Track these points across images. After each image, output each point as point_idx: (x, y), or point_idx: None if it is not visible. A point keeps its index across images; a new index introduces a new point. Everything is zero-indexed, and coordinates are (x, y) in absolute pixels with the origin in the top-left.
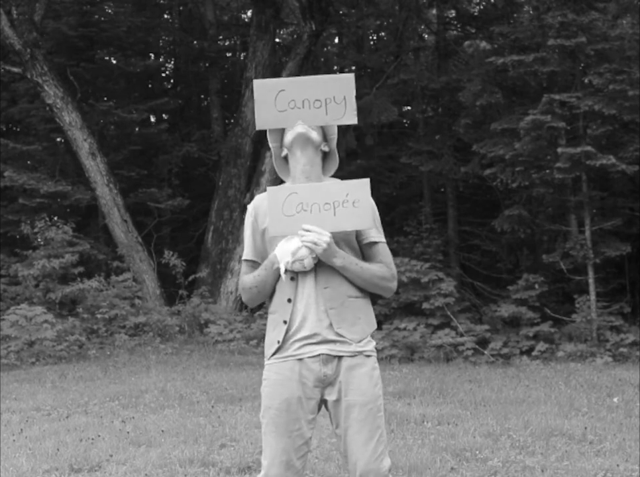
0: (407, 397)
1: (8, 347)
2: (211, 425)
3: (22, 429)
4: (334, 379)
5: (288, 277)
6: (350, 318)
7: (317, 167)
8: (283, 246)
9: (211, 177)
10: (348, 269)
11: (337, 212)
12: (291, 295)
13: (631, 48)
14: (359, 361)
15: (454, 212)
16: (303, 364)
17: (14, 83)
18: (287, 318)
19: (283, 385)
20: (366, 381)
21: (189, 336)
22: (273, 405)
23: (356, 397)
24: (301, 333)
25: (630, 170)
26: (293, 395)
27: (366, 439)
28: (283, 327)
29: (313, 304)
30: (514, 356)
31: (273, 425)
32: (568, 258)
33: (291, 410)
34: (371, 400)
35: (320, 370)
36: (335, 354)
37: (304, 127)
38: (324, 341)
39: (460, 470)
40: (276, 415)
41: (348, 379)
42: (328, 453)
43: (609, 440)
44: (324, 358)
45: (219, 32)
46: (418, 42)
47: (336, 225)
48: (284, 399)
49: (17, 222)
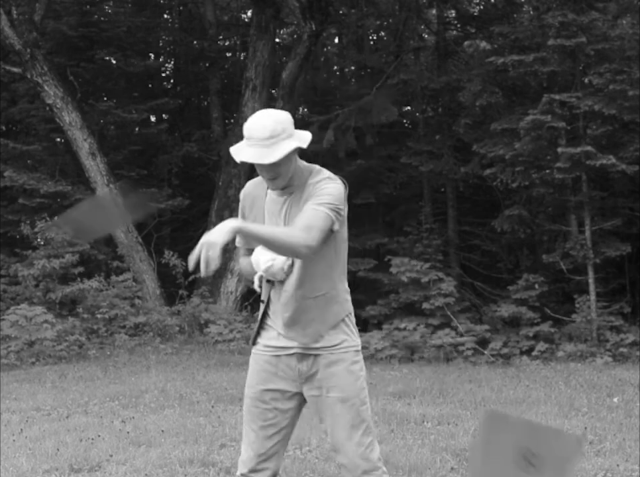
0: (407, 397)
1: (8, 347)
2: (211, 425)
3: (22, 429)
4: (311, 375)
5: (264, 282)
6: (301, 322)
7: (292, 175)
8: (259, 257)
9: (211, 177)
10: (251, 236)
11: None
12: (264, 296)
13: (631, 48)
14: (337, 357)
15: (454, 212)
16: (279, 357)
17: (14, 83)
18: (259, 317)
19: (259, 375)
20: (345, 376)
21: (189, 336)
22: (249, 394)
23: (337, 394)
24: (272, 333)
25: (630, 170)
26: (266, 387)
27: (350, 434)
28: (259, 323)
29: (278, 309)
30: (514, 356)
31: (248, 414)
32: (568, 258)
33: (264, 399)
34: (353, 395)
35: (295, 366)
36: (309, 353)
37: (276, 184)
38: (292, 343)
39: (460, 470)
40: (250, 403)
41: (327, 376)
42: (328, 453)
43: (609, 440)
44: (299, 356)
45: (219, 32)
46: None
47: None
48: (258, 390)
49: (17, 222)
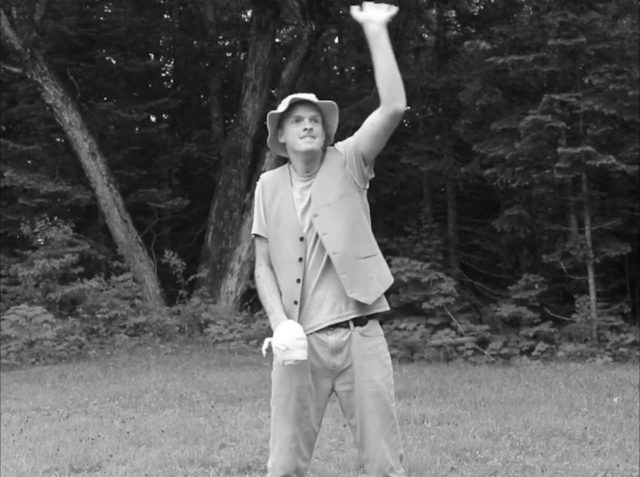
0: (407, 397)
1: (8, 347)
2: (211, 425)
3: (22, 429)
4: (345, 369)
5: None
6: (362, 279)
7: (317, 158)
8: (282, 335)
9: (211, 177)
10: (384, 43)
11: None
12: (299, 274)
13: (631, 48)
14: (370, 352)
15: (454, 212)
16: (313, 351)
17: (14, 83)
18: (297, 299)
19: (292, 373)
20: (379, 370)
21: (189, 336)
22: (283, 393)
23: (370, 389)
24: (310, 315)
25: (630, 170)
26: (302, 384)
27: (381, 430)
28: (295, 308)
29: (323, 285)
30: (514, 356)
31: (282, 412)
32: (568, 258)
33: (300, 398)
34: (384, 390)
35: (329, 360)
36: (344, 342)
37: (311, 142)
38: (336, 307)
39: (460, 470)
40: (285, 402)
41: (361, 370)
42: (328, 453)
43: (609, 440)
44: (333, 347)
45: (219, 32)
46: (418, 42)
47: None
48: (294, 387)
49: (17, 222)
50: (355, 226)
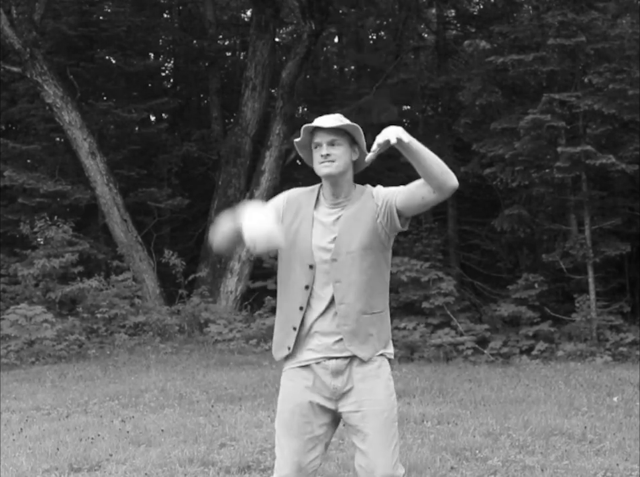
0: (407, 397)
1: (8, 346)
2: (210, 425)
3: (22, 429)
4: (347, 391)
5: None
6: (361, 335)
7: (347, 184)
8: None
9: (211, 177)
10: (415, 148)
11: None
12: (303, 303)
13: (630, 47)
14: (372, 373)
15: (453, 211)
16: (315, 373)
17: (13, 82)
18: (296, 325)
19: (296, 391)
20: (382, 390)
21: (188, 335)
22: (287, 408)
23: (372, 407)
24: (312, 343)
25: (630, 169)
26: (305, 400)
27: (382, 448)
28: (293, 334)
29: (327, 318)
30: (514, 355)
31: (285, 427)
32: (568, 258)
33: (303, 413)
34: (387, 409)
35: (330, 382)
36: (344, 364)
37: (329, 167)
38: (333, 354)
39: (460, 469)
40: (288, 417)
41: (363, 389)
42: (328, 453)
43: (609, 440)
44: (334, 370)
45: (219, 31)
46: (418, 42)
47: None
48: (297, 403)
49: (17, 221)
50: (370, 280)
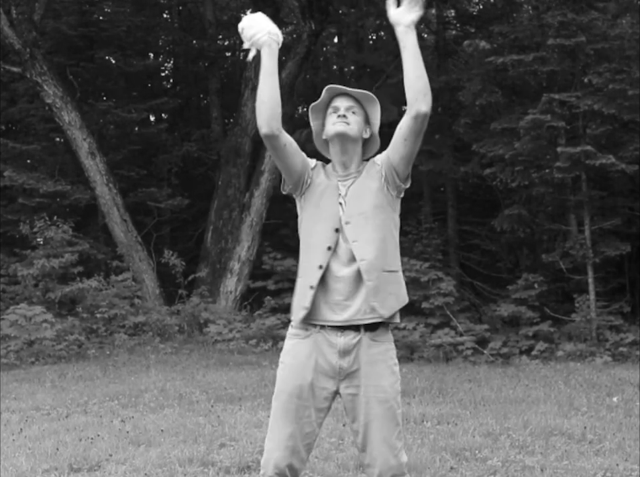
0: (407, 397)
1: (7, 347)
2: (210, 425)
3: (21, 429)
4: (353, 372)
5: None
6: (382, 292)
7: (356, 156)
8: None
9: (211, 177)
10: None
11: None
12: (323, 261)
13: (630, 47)
14: (379, 357)
15: (453, 211)
16: (320, 350)
17: (13, 82)
18: (314, 284)
19: (297, 371)
20: (388, 376)
21: (188, 335)
22: (286, 390)
23: (377, 394)
24: (330, 298)
25: (630, 170)
26: (305, 382)
27: (386, 436)
28: (309, 292)
29: (348, 275)
30: (513, 355)
31: (283, 410)
32: (568, 258)
33: (303, 397)
34: (391, 396)
35: (336, 362)
36: (353, 344)
37: (344, 125)
38: (351, 309)
39: (460, 469)
40: (287, 400)
41: (369, 372)
42: (328, 453)
43: (609, 440)
44: (342, 349)
45: (219, 31)
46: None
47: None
48: (297, 385)
49: (17, 221)
50: (385, 238)
